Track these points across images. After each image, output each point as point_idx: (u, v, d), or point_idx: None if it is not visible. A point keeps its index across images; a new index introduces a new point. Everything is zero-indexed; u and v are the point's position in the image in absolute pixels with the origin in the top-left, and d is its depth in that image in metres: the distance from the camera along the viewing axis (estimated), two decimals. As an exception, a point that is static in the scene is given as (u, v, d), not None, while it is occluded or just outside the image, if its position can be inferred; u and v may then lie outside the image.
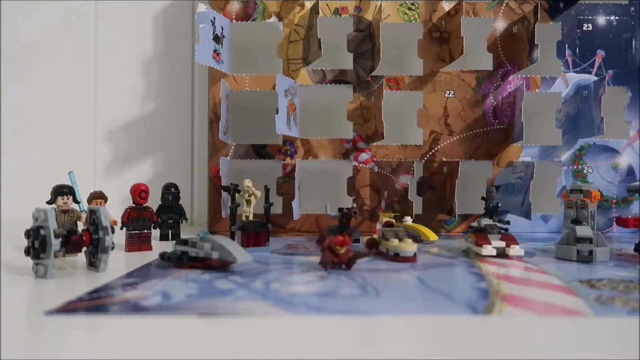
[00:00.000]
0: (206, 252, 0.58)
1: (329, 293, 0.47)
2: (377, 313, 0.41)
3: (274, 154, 1.02)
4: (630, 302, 0.44)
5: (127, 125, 1.19)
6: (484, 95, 1.02)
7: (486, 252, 0.69)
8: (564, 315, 0.41)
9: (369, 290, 0.48)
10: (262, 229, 0.76)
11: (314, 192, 1.02)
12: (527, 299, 0.45)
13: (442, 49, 1.02)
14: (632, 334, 0.38)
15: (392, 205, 1.01)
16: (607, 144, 1.03)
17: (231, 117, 1.00)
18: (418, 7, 1.02)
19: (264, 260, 0.66)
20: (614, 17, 1.03)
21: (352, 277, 0.55)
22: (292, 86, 0.95)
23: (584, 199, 0.83)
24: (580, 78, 1.02)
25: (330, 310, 0.42)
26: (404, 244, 0.67)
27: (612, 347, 0.35)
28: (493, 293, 0.47)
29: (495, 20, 1.02)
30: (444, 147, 1.02)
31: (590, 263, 0.66)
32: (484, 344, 0.35)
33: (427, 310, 0.42)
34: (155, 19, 1.19)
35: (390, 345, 0.35)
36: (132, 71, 1.18)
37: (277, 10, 1.02)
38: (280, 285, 0.50)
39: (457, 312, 0.41)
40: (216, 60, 0.95)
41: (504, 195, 1.01)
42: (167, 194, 0.88)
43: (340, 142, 1.01)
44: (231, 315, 0.40)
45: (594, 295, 0.47)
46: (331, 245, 0.59)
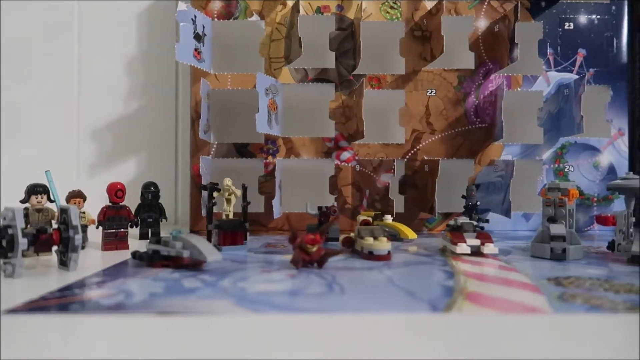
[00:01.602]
0: (177, 251, 0.58)
1: (294, 291, 0.47)
2: (335, 311, 0.41)
3: (256, 152, 1.02)
4: (591, 300, 0.44)
5: (110, 124, 1.18)
6: (466, 94, 1.02)
7: (460, 250, 0.69)
8: (522, 312, 0.41)
9: (334, 289, 0.48)
10: (239, 227, 0.76)
11: (296, 191, 1.02)
12: (490, 297, 0.46)
13: (424, 48, 1.02)
14: (589, 331, 0.38)
15: (373, 203, 1.01)
16: (588, 143, 1.03)
17: (213, 116, 1.00)
18: (400, 5, 1.02)
19: (238, 259, 0.66)
20: (596, 16, 1.03)
21: (322, 275, 0.55)
22: (273, 85, 0.95)
23: (562, 197, 0.83)
24: (561, 77, 1.02)
25: (291, 308, 0.42)
26: (378, 242, 0.67)
27: (568, 344, 0.35)
28: (458, 291, 0.48)
29: (477, 19, 1.02)
30: (425, 146, 1.02)
31: (563, 261, 0.66)
32: (440, 342, 0.35)
33: (387, 308, 0.42)
34: (139, 18, 1.19)
35: (345, 343, 0.35)
36: (115, 70, 1.18)
37: (259, 9, 1.02)
38: (247, 284, 0.50)
39: (416, 310, 0.41)
40: (197, 58, 0.95)
41: (486, 193, 1.02)
42: (146, 192, 0.88)
43: (323, 140, 1.01)
44: (189, 313, 0.40)
45: (558, 292, 0.47)
46: (302, 244, 0.59)
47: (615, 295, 0.46)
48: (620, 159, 1.03)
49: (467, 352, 0.33)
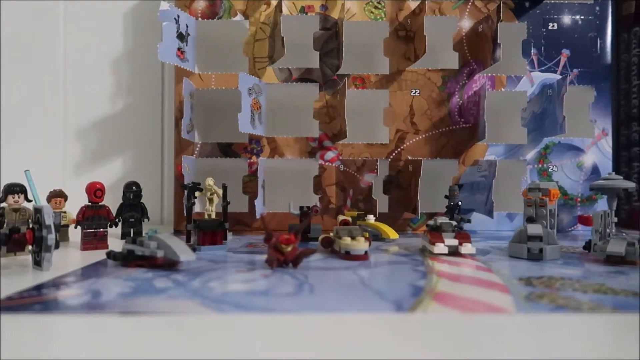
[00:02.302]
0: (151, 250, 0.58)
1: (263, 291, 0.47)
2: (298, 311, 0.41)
3: (240, 152, 1.01)
4: (557, 300, 0.44)
5: (96, 123, 1.18)
6: (450, 94, 1.02)
7: (438, 250, 0.69)
8: (486, 312, 0.41)
9: (304, 289, 0.48)
10: (219, 227, 0.76)
11: (281, 191, 1.02)
12: (458, 297, 0.46)
13: (408, 48, 1.02)
14: (550, 331, 0.38)
15: (357, 203, 1.01)
16: (572, 143, 1.03)
17: (197, 116, 1.00)
18: (384, 5, 1.02)
19: (215, 259, 0.66)
20: (579, 16, 1.03)
21: (295, 275, 0.55)
22: (256, 84, 0.94)
23: (543, 197, 0.83)
24: (545, 77, 1.03)
25: (255, 308, 0.42)
26: (356, 242, 0.67)
27: (529, 344, 0.35)
28: (427, 291, 0.48)
29: (461, 20, 1.02)
30: (409, 146, 1.02)
31: (540, 261, 0.66)
32: (402, 342, 0.35)
33: (351, 308, 0.42)
34: (125, 17, 1.18)
35: (305, 343, 0.35)
36: (101, 70, 1.18)
37: (243, 9, 1.02)
38: (218, 284, 0.50)
39: (380, 310, 0.41)
40: (180, 58, 0.95)
41: (470, 193, 1.02)
42: (128, 192, 0.88)
43: (307, 140, 1.01)
44: (151, 313, 0.40)
45: (526, 292, 0.47)
46: (277, 244, 0.59)
47: (583, 295, 0.47)
48: (604, 159, 1.04)
49: (429, 352, 0.33)
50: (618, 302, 0.44)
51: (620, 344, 0.36)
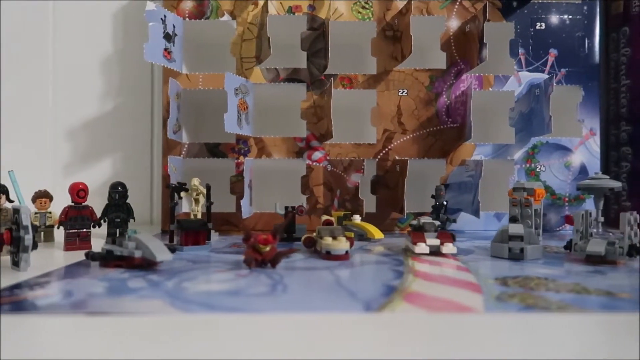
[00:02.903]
0: (130, 251, 0.58)
1: (235, 291, 0.47)
2: (265, 311, 0.41)
3: (227, 152, 1.02)
4: (528, 300, 0.44)
5: (86, 124, 1.18)
6: (438, 94, 1.02)
7: (419, 250, 0.69)
8: (453, 312, 0.41)
9: (278, 289, 0.48)
10: (202, 227, 0.76)
11: (268, 191, 1.02)
12: (429, 297, 0.46)
13: (396, 48, 1.02)
14: (516, 330, 0.38)
15: (344, 203, 1.01)
16: (560, 143, 1.03)
17: (184, 116, 1.00)
18: (372, 5, 1.02)
19: (196, 259, 0.66)
20: (567, 16, 1.03)
21: (272, 275, 0.55)
22: (243, 85, 0.95)
23: (528, 197, 0.83)
24: (533, 77, 1.02)
25: (223, 308, 0.42)
26: (337, 242, 0.67)
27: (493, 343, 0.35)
28: (399, 291, 0.48)
29: (449, 19, 1.02)
30: (397, 146, 1.02)
31: (521, 260, 0.66)
32: (367, 342, 0.35)
33: (320, 308, 0.42)
34: (114, 17, 1.18)
35: (270, 343, 0.35)
36: (91, 70, 1.18)
37: (230, 9, 1.02)
38: (192, 284, 0.50)
39: (347, 310, 0.41)
40: (167, 58, 0.95)
41: (457, 193, 1.02)
42: (113, 192, 0.87)
43: (294, 140, 1.01)
44: (116, 314, 0.40)
45: (498, 292, 0.47)
46: (255, 243, 0.59)
47: (555, 294, 0.47)
48: (591, 158, 1.04)
49: (395, 351, 0.33)
50: (588, 302, 0.44)
51: (587, 344, 0.36)
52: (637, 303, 0.44)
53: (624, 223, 0.64)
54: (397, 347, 0.34)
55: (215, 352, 0.33)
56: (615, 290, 0.48)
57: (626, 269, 0.61)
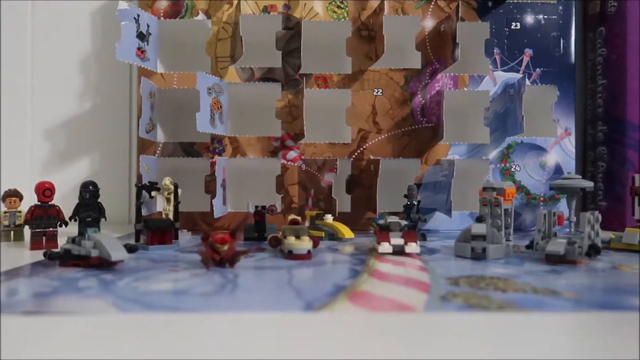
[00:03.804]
0: (87, 250, 0.58)
1: (182, 291, 0.47)
2: (205, 310, 0.41)
3: (202, 151, 1.02)
4: (471, 299, 0.44)
5: (64, 123, 1.18)
6: (413, 94, 1.02)
7: (382, 249, 0.69)
8: (391, 311, 0.41)
9: (226, 288, 0.48)
10: (169, 227, 0.76)
11: (243, 190, 1.03)
12: (374, 296, 0.46)
13: (371, 48, 1.02)
14: (449, 329, 0.38)
15: (318, 203, 1.01)
16: (535, 142, 1.03)
17: (160, 115, 1.00)
18: (347, 5, 1.02)
19: (159, 259, 0.66)
20: (542, 16, 1.03)
21: (226, 275, 0.55)
22: (216, 84, 0.94)
23: (498, 196, 0.84)
24: (508, 76, 1.03)
25: (161, 307, 0.42)
26: (299, 241, 0.67)
27: (427, 343, 0.35)
28: (347, 290, 0.48)
29: (424, 19, 1.02)
30: (372, 145, 1.02)
31: (483, 260, 0.66)
32: (301, 341, 0.35)
33: (260, 307, 0.42)
34: (93, 16, 1.18)
35: (203, 342, 0.35)
36: (69, 69, 1.18)
37: (205, 8, 1.02)
38: (142, 284, 0.50)
39: (286, 309, 0.41)
40: (141, 57, 0.95)
41: (432, 192, 1.02)
42: (84, 192, 0.87)
43: (269, 140, 1.01)
44: (52, 313, 0.40)
45: (445, 292, 0.47)
46: (212, 243, 0.59)
47: (502, 294, 0.47)
48: (567, 158, 1.04)
49: (328, 351, 0.33)
50: (530, 301, 0.44)
51: (519, 343, 0.35)
52: (581, 302, 0.44)
53: (584, 222, 0.64)
54: (331, 347, 0.34)
55: (146, 351, 0.33)
56: (563, 289, 0.49)
57: (585, 268, 0.61)
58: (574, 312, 0.41)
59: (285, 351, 0.33)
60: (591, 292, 0.48)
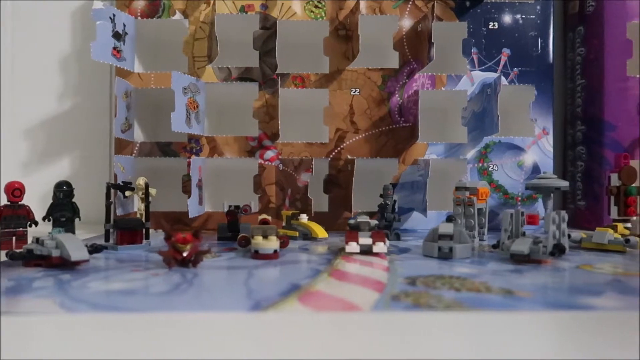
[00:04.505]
0: (48, 250, 0.58)
1: (135, 291, 0.47)
2: (148, 310, 0.41)
3: (179, 151, 1.01)
4: (420, 299, 0.44)
5: (44, 122, 1.18)
6: (390, 93, 1.02)
7: (349, 249, 0.69)
8: (336, 310, 0.41)
9: (181, 288, 0.48)
10: (139, 226, 0.76)
11: (221, 190, 1.03)
12: (326, 296, 0.46)
13: (348, 47, 1.02)
14: (393, 329, 0.38)
15: (295, 202, 1.01)
16: (513, 142, 1.03)
17: (138, 115, 1.00)
18: (325, 5, 1.02)
19: (125, 259, 0.66)
20: (520, 15, 1.03)
21: (185, 274, 0.55)
22: (192, 83, 0.94)
23: (471, 196, 0.84)
24: (485, 76, 1.03)
25: (107, 307, 0.41)
26: (266, 241, 0.67)
27: (369, 342, 0.35)
28: (301, 290, 0.48)
29: (402, 19, 1.02)
30: (349, 145, 1.02)
31: (450, 259, 0.66)
32: (242, 341, 0.35)
33: (206, 307, 0.42)
34: (73, 16, 1.18)
35: (143, 342, 0.35)
36: (49, 69, 1.17)
37: (182, 8, 1.01)
38: (98, 284, 0.50)
39: (232, 309, 0.41)
40: (117, 57, 0.95)
41: (410, 192, 1.02)
42: (58, 192, 0.88)
43: (246, 139, 1.01)
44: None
45: (398, 291, 0.47)
46: (174, 242, 0.59)
47: (455, 293, 0.47)
48: (544, 158, 1.04)
49: (268, 350, 0.33)
50: (480, 301, 0.44)
51: (462, 342, 0.35)
52: (531, 302, 0.44)
53: (549, 222, 0.64)
54: (273, 347, 0.34)
55: (84, 351, 0.32)
56: (518, 289, 0.49)
57: (548, 268, 0.61)
58: (519, 311, 0.41)
59: (226, 351, 0.33)
60: (545, 291, 0.48)
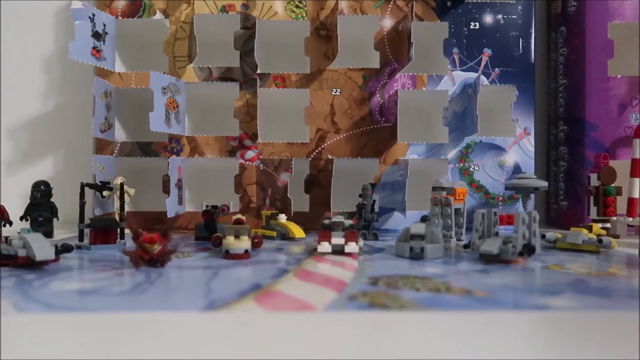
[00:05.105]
0: (15, 250, 0.58)
1: (93, 291, 0.47)
2: (100, 310, 0.41)
3: (160, 151, 1.01)
4: (377, 299, 0.44)
5: (28, 122, 1.18)
6: (371, 93, 1.02)
7: (321, 249, 0.69)
8: (287, 310, 0.41)
9: (141, 288, 0.48)
10: (113, 226, 0.76)
11: (202, 190, 1.02)
12: (283, 295, 0.46)
13: (329, 47, 1.02)
14: (343, 328, 0.38)
15: (275, 203, 1.01)
16: (494, 142, 1.03)
17: (118, 115, 1.00)
18: (306, 5, 1.02)
19: (96, 258, 0.66)
20: (502, 15, 1.03)
21: (150, 274, 0.55)
22: (172, 83, 0.94)
23: (448, 196, 0.84)
24: (467, 76, 1.03)
25: (61, 307, 0.41)
26: (238, 241, 0.67)
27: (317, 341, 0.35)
28: (260, 290, 0.48)
29: (383, 19, 1.02)
30: (330, 145, 1.02)
31: (421, 259, 0.66)
32: (191, 341, 0.35)
33: (158, 307, 0.42)
34: (57, 15, 1.18)
35: (93, 342, 0.34)
36: (33, 69, 1.18)
37: (163, 8, 1.01)
38: (58, 284, 0.50)
39: (183, 309, 0.41)
40: (96, 57, 0.94)
41: (391, 192, 1.02)
42: (35, 191, 0.88)
43: (227, 139, 1.01)
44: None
45: (357, 291, 0.47)
46: (141, 242, 0.59)
47: (415, 293, 0.47)
48: (526, 158, 1.04)
49: (215, 350, 0.33)
50: (436, 300, 0.44)
51: (411, 341, 0.35)
52: (485, 301, 0.44)
53: (518, 222, 0.64)
54: (220, 347, 0.34)
55: (34, 352, 0.32)
56: (478, 289, 0.49)
57: (517, 268, 0.61)
58: (469, 311, 0.41)
59: (174, 351, 0.33)
60: (504, 291, 0.48)
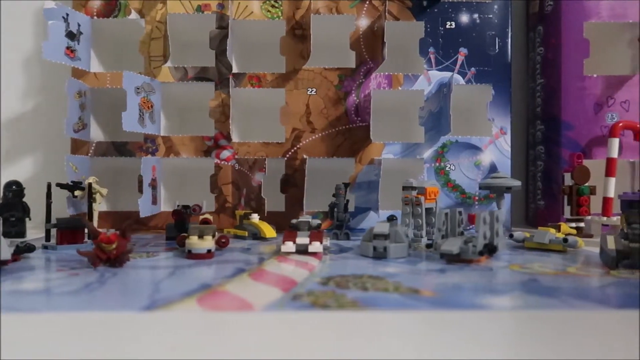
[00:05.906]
0: (-27, 250, 0.58)
1: (42, 291, 0.47)
2: (45, 310, 0.41)
3: (135, 151, 1.01)
4: (320, 299, 0.44)
5: (7, 122, 1.18)
6: (347, 93, 1.02)
7: (285, 249, 0.69)
8: (227, 311, 0.41)
9: (90, 288, 0.48)
10: (80, 226, 0.76)
11: (177, 190, 1.02)
12: (229, 295, 0.46)
13: (305, 47, 1.02)
14: (278, 328, 0.38)
15: (249, 202, 1.01)
16: (470, 142, 1.03)
17: (93, 115, 1.00)
18: (281, 4, 1.02)
19: (59, 258, 0.66)
20: (478, 15, 1.03)
21: (104, 274, 0.55)
22: (146, 83, 0.94)
23: (418, 195, 0.84)
24: (442, 76, 1.02)
25: (6, 308, 0.41)
26: (200, 241, 0.67)
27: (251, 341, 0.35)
28: (207, 290, 0.48)
29: (359, 18, 1.02)
30: (306, 145, 1.02)
31: (384, 259, 0.66)
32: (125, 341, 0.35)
33: (99, 307, 0.42)
34: (36, 16, 1.18)
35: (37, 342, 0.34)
36: (11, 69, 1.18)
37: (139, 7, 1.01)
38: (9, 284, 0.50)
39: (123, 309, 0.41)
40: (70, 57, 0.94)
41: (367, 192, 1.02)
42: (7, 191, 0.88)
43: (202, 139, 1.01)
44: None
45: (303, 291, 0.47)
46: (99, 242, 0.59)
47: (361, 293, 0.47)
48: (502, 157, 1.04)
49: (149, 350, 0.33)
50: (379, 300, 0.44)
51: (347, 341, 0.35)
52: (431, 302, 0.44)
53: (479, 222, 0.64)
54: (155, 347, 0.34)
55: None
56: (427, 288, 0.49)
57: (476, 267, 0.61)
58: (407, 310, 0.41)
59: (111, 350, 0.33)
60: (451, 291, 0.48)
